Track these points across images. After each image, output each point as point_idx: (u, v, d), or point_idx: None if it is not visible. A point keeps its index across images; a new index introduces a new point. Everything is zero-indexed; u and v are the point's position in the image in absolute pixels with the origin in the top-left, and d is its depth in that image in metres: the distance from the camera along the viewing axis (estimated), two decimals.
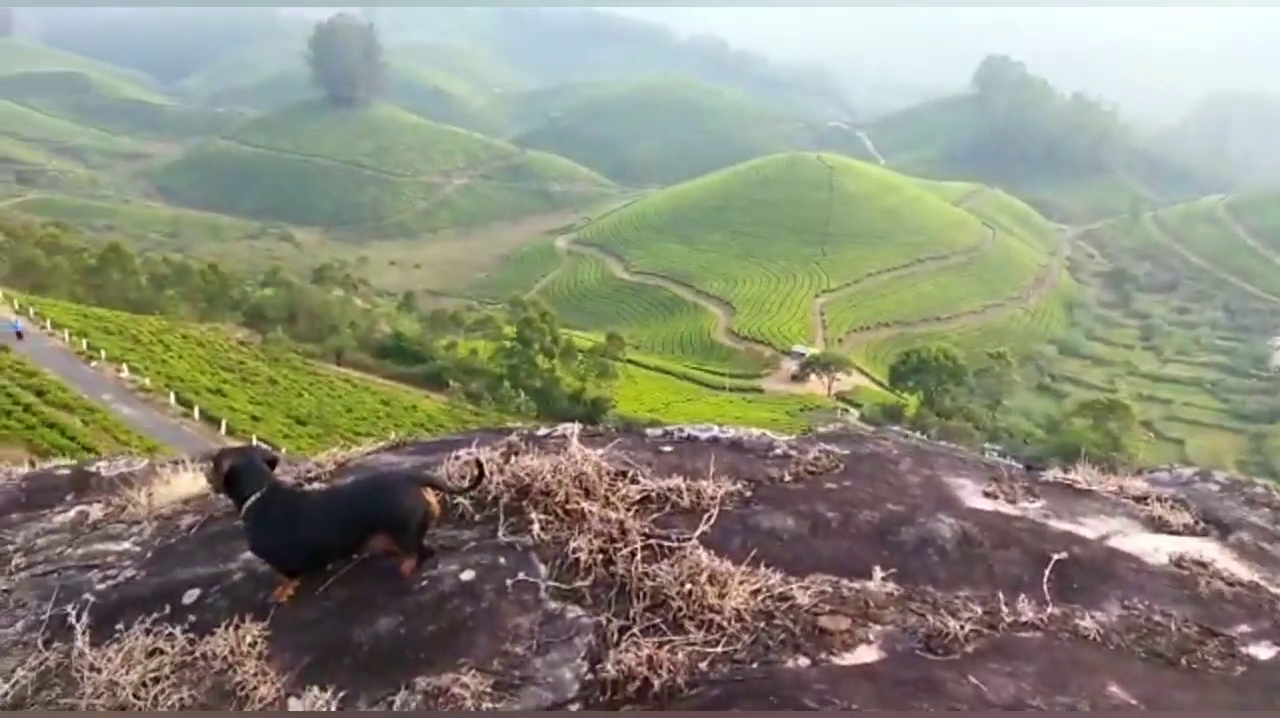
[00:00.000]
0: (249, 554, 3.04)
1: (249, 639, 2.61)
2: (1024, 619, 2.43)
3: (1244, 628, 2.46)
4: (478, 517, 3.01)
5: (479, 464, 3.03)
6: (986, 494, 3.22)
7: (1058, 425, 78.02)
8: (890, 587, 2.59)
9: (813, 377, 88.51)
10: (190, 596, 2.92)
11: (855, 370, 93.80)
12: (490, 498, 3.06)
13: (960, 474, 3.38)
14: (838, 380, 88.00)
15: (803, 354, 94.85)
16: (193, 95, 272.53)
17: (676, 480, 3.07)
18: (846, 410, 79.63)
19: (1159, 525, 3.10)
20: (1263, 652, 2.36)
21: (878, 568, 2.64)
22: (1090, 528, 3.04)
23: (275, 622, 2.64)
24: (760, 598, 2.51)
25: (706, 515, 2.89)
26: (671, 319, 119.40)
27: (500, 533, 2.89)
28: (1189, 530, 3.07)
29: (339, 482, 3.33)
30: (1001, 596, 2.51)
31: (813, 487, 3.14)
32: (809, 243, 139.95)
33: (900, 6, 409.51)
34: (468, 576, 2.69)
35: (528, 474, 3.03)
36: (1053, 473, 3.49)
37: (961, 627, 2.35)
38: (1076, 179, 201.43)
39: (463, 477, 3.09)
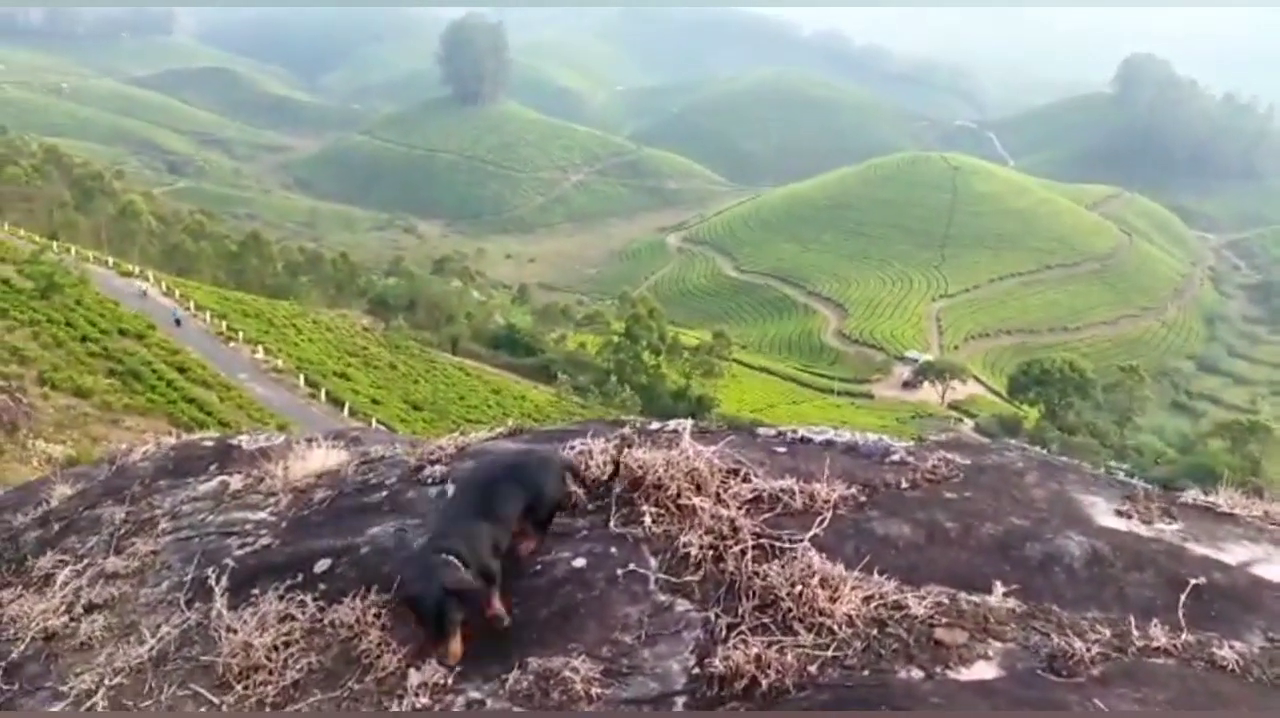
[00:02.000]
0: (376, 529, 3.20)
1: (374, 610, 2.75)
2: (1156, 645, 2.30)
3: None
4: (590, 506, 3.07)
5: (615, 458, 3.09)
6: (1119, 513, 3.05)
7: (1192, 446, 73.22)
8: (1012, 603, 2.50)
9: (926, 384, 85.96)
10: (321, 565, 3.09)
11: (971, 379, 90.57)
12: (603, 488, 3.11)
13: (1091, 491, 3.22)
14: (952, 389, 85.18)
15: (916, 360, 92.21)
16: (331, 92, 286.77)
17: (789, 482, 3.04)
18: (960, 420, 76.96)
19: None
20: None
21: (999, 583, 2.55)
22: (1232, 554, 2.85)
23: (398, 595, 2.76)
24: (873, 605, 2.47)
25: (819, 518, 2.86)
26: (780, 319, 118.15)
27: (612, 523, 2.94)
28: None
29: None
30: (1133, 619, 2.38)
31: (931, 495, 3.05)
32: (928, 245, 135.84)
33: (1034, 6, 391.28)
34: (580, 563, 2.75)
35: (640, 467, 3.07)
36: (1192, 495, 3.28)
37: (1088, 648, 2.25)
38: (1224, 184, 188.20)
39: (586, 467, 3.15)
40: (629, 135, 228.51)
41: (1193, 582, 2.53)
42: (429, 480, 3.48)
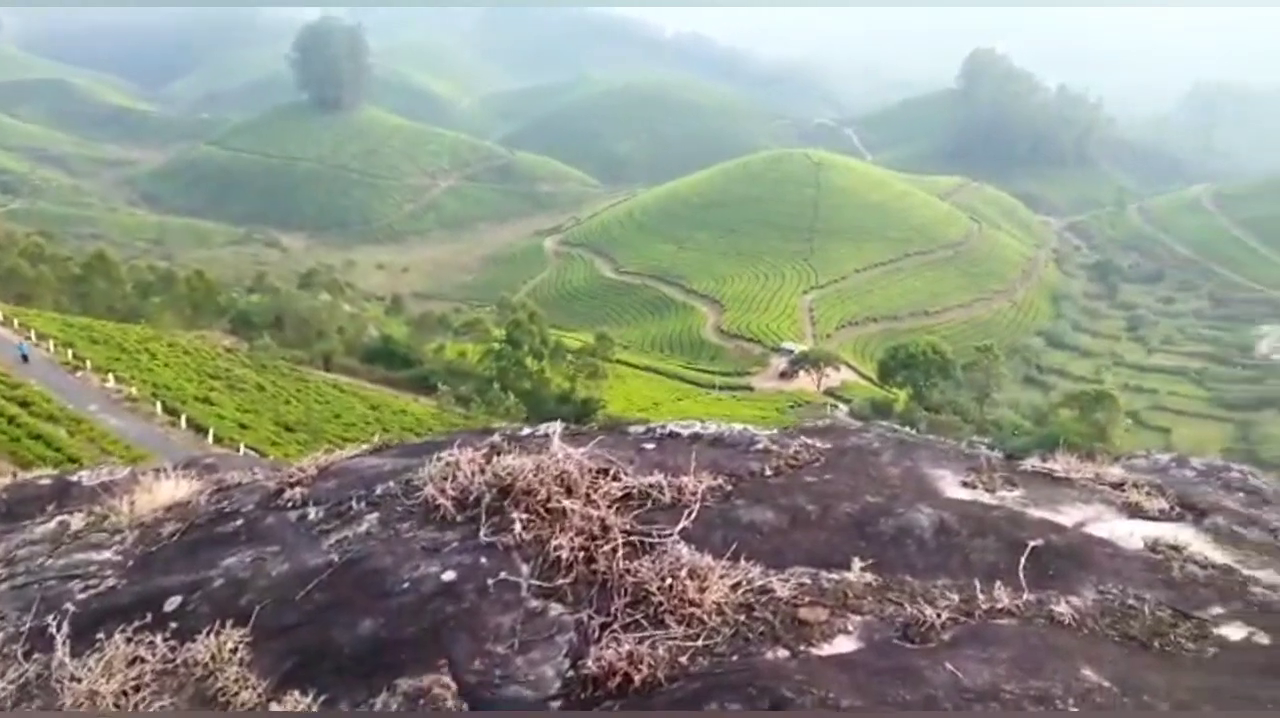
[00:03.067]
0: (231, 560, 3.04)
1: (230, 645, 2.61)
2: (1000, 606, 2.45)
3: (1216, 610, 2.49)
4: (459, 518, 3.02)
5: (483, 467, 3.04)
6: (965, 484, 3.24)
7: (1045, 417, 78.46)
8: (869, 577, 2.61)
9: (802, 373, 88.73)
10: (172, 603, 2.91)
11: (844, 366, 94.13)
12: (473, 498, 3.06)
13: (940, 465, 3.41)
14: (827, 377, 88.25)
15: (792, 351, 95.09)
16: (177, 101, 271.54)
17: (658, 477, 3.08)
18: (836, 406, 79.89)
19: (1135, 511, 3.13)
20: (1234, 633, 2.40)
21: (856, 559, 2.66)
22: (1067, 515, 3.07)
23: (256, 628, 2.64)
24: (740, 592, 2.53)
25: (687, 511, 2.91)
26: (661, 318, 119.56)
27: (482, 533, 2.90)
28: (1164, 516, 3.10)
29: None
30: (978, 583, 2.53)
31: (793, 480, 3.16)
32: (797, 240, 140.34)
33: (889, 6, 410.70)
34: (449, 576, 2.70)
35: (509, 474, 3.04)
36: (1031, 462, 3.52)
37: (938, 615, 2.38)
38: (1062, 172, 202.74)
39: (444, 478, 3.10)
40: (499, 139, 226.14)
41: (1031, 544, 2.71)
42: (289, 505, 3.34)
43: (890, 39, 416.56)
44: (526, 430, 3.68)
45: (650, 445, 3.48)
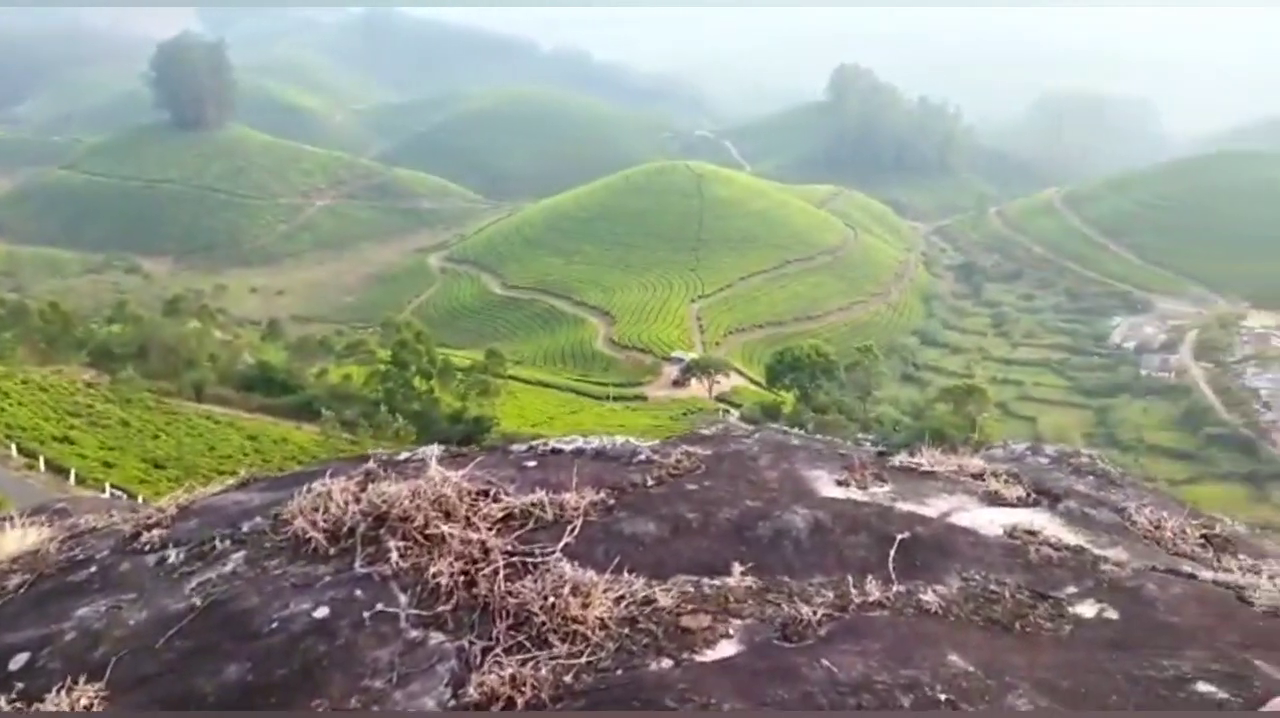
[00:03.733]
0: (84, 611, 2.84)
1: (84, 702, 2.43)
2: (872, 599, 2.54)
3: (1071, 589, 2.65)
4: (332, 551, 2.91)
5: (357, 496, 2.93)
6: (839, 483, 3.35)
7: (923, 412, 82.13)
8: (749, 581, 2.65)
9: (693, 381, 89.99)
10: (19, 660, 2.69)
11: (734, 372, 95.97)
12: (346, 529, 2.96)
13: (816, 466, 3.51)
14: (718, 383, 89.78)
15: (682, 359, 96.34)
16: (24, 123, 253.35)
17: (540, 495, 3.06)
18: (728, 411, 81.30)
19: (995, 500, 3.31)
20: (1087, 610, 2.55)
21: (736, 564, 2.71)
22: (933, 507, 3.22)
23: (112, 681, 2.47)
24: (624, 605, 2.53)
25: (570, 528, 2.90)
26: (551, 332, 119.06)
27: (357, 565, 2.80)
28: (1021, 502, 3.28)
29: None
30: (851, 579, 2.62)
31: (675, 489, 3.19)
32: (683, 250, 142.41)
33: (749, 7, 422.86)
34: (321, 613, 2.60)
35: (384, 501, 2.95)
36: (900, 458, 3.67)
37: (814, 613, 2.44)
38: (926, 178, 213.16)
39: (315, 509, 2.98)
40: (376, 155, 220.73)
41: (899, 537, 2.82)
42: (147, 548, 3.14)
43: (760, 48, 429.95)
44: (404, 455, 3.59)
45: (532, 463, 3.45)
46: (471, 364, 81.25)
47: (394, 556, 2.77)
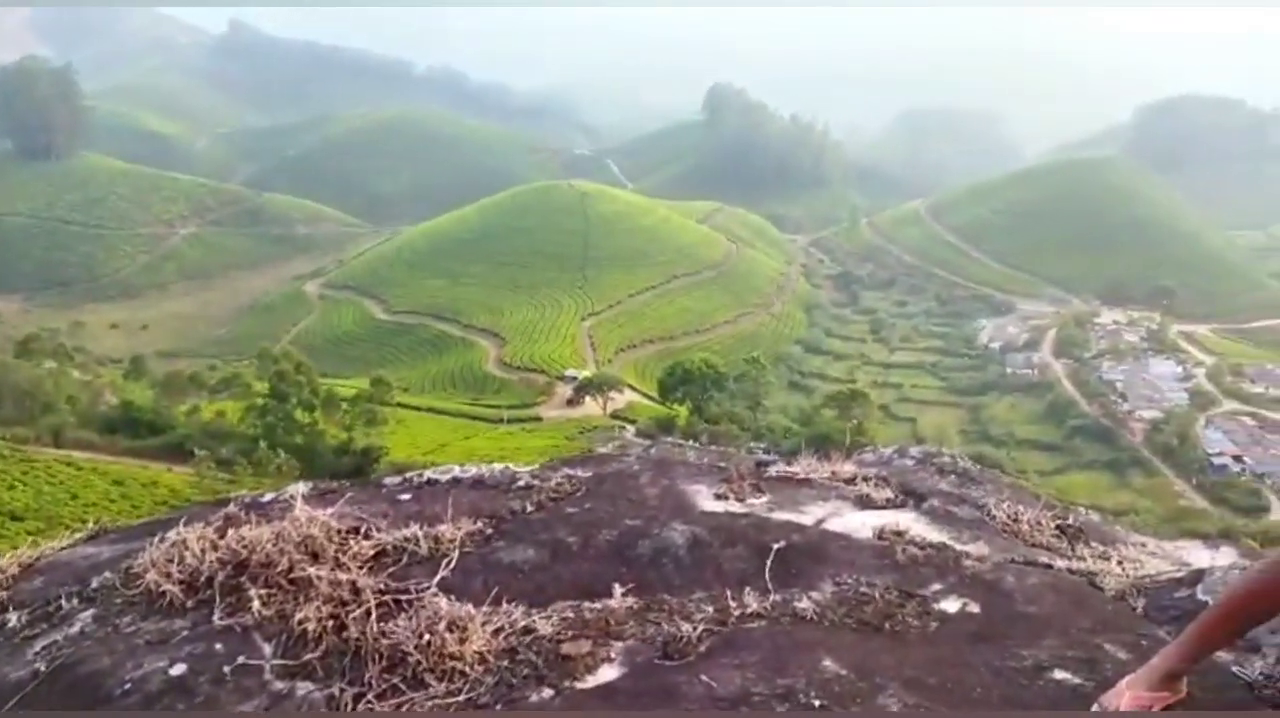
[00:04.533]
0: None
1: None
2: (750, 611, 2.57)
3: (936, 586, 2.76)
4: (189, 603, 2.74)
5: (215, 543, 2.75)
6: (718, 496, 3.39)
7: (811, 418, 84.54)
8: (630, 601, 2.64)
9: (588, 399, 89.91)
10: None
11: (627, 388, 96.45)
12: (204, 579, 2.79)
13: (696, 480, 3.54)
14: (612, 400, 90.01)
15: (575, 378, 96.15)
16: None
17: (414, 529, 2.97)
18: (623, 428, 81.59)
19: (866, 503, 3.42)
20: (951, 606, 2.66)
21: (617, 585, 2.69)
22: (809, 514, 3.29)
23: None
24: (503, 636, 2.48)
25: (446, 561, 2.82)
26: (440, 356, 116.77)
27: (216, 617, 2.64)
28: (890, 504, 3.40)
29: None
30: (729, 592, 2.64)
31: (555, 514, 3.16)
32: (571, 268, 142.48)
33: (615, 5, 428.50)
34: (178, 670, 2.43)
35: (245, 547, 2.81)
36: (776, 467, 3.75)
37: (694, 629, 2.45)
38: (802, 192, 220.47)
39: (169, 560, 2.80)
40: (244, 181, 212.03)
41: (776, 547, 2.88)
42: None
43: (638, 66, 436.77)
44: (269, 496, 3.42)
45: (406, 496, 3.35)
46: (357, 393, 78.75)
47: (256, 604, 2.63)
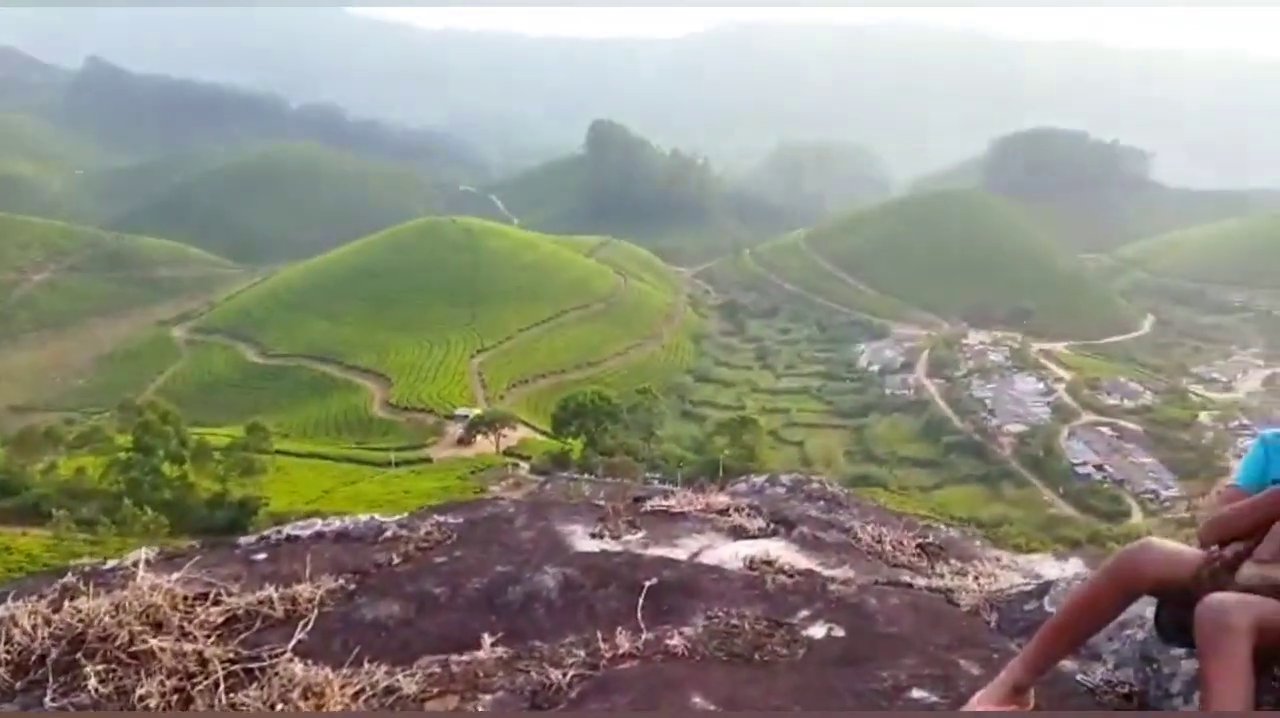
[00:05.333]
0: None
1: None
2: (622, 652, 2.54)
3: (803, 613, 2.81)
4: (19, 685, 2.51)
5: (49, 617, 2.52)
6: (593, 535, 3.37)
7: (703, 446, 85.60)
8: (499, 651, 2.58)
9: (479, 437, 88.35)
10: None
11: (520, 424, 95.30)
12: (35, 658, 2.56)
13: (571, 521, 3.51)
14: (505, 437, 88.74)
15: (467, 416, 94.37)
16: None
17: (268, 591, 2.82)
18: (517, 465, 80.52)
19: (739, 533, 3.46)
20: (818, 631, 2.71)
21: (486, 635, 2.62)
22: (683, 548, 3.31)
23: None
24: (363, 699, 2.37)
25: (303, 622, 2.68)
26: (322, 400, 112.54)
27: (48, 698, 2.43)
28: (762, 533, 3.45)
29: None
30: (600, 634, 2.61)
31: (422, 564, 3.06)
32: (458, 305, 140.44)
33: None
34: None
35: (82, 620, 2.60)
36: (652, 503, 3.75)
37: (564, 674, 2.41)
38: (686, 225, 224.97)
39: (8, 638, 2.56)
40: (104, 223, 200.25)
41: (648, 584, 2.87)
42: None
43: (519, 108, 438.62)
44: (110, 564, 3.18)
45: (262, 556, 3.18)
46: (231, 442, 74.89)
47: (93, 682, 2.43)
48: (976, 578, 3.19)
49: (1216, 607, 1.86)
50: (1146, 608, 2.33)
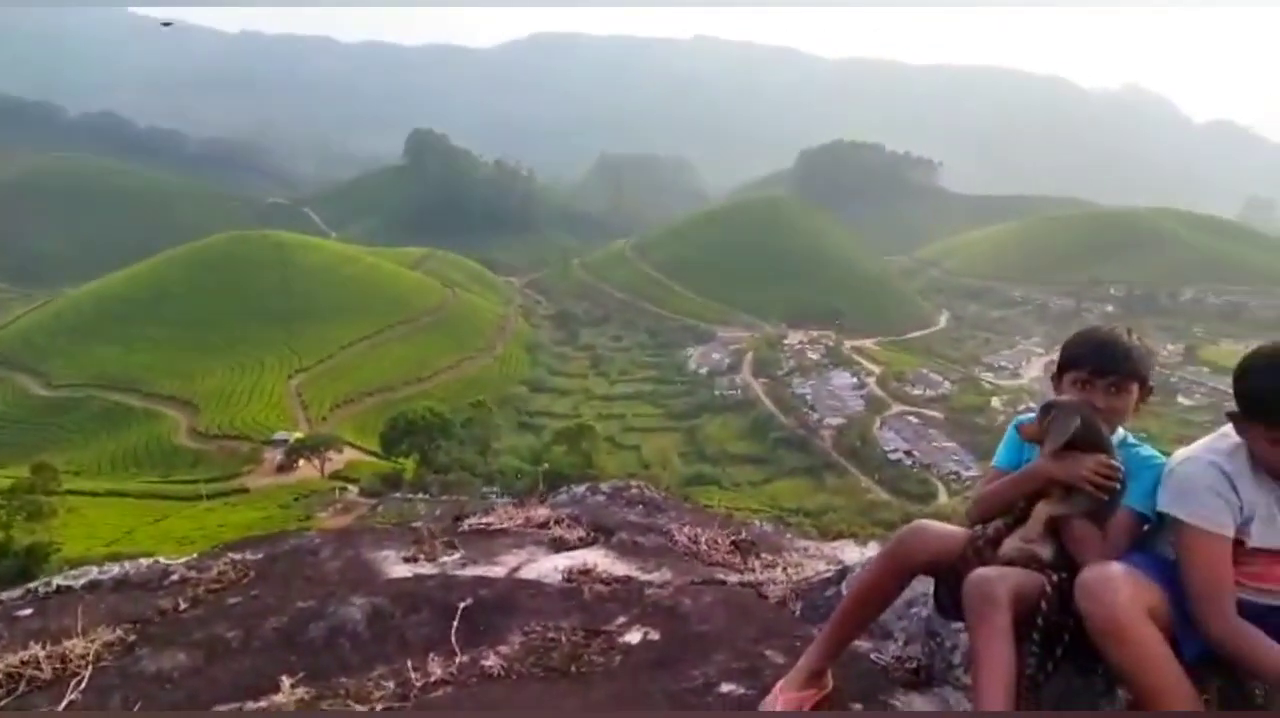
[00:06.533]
0: None
1: None
2: (435, 678, 2.46)
3: (620, 620, 2.83)
4: None
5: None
6: (407, 560, 3.25)
7: (541, 456, 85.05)
8: (300, 692, 2.43)
9: (302, 462, 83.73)
10: None
11: (347, 446, 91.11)
12: None
13: (382, 547, 3.37)
14: (330, 460, 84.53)
15: (286, 440, 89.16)
16: None
17: (34, 650, 2.53)
18: (345, 489, 76.95)
19: (560, 545, 3.44)
20: (634, 637, 2.73)
21: (285, 677, 2.46)
22: (503, 564, 3.25)
23: None
24: None
25: (75, 680, 2.42)
26: (118, 432, 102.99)
27: None
28: (582, 543, 3.45)
29: None
30: (411, 662, 2.52)
31: (214, 608, 2.84)
32: (272, 324, 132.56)
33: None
34: None
35: None
36: (470, 521, 3.67)
37: (371, 709, 2.30)
38: (512, 236, 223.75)
39: None
40: None
41: (461, 606, 2.79)
42: None
43: (333, 114, 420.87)
44: None
45: (28, 611, 2.85)
46: (14, 484, 67.06)
47: None
48: (785, 569, 3.32)
49: (979, 580, 2.03)
50: (932, 586, 2.50)
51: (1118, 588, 1.92)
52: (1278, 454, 1.98)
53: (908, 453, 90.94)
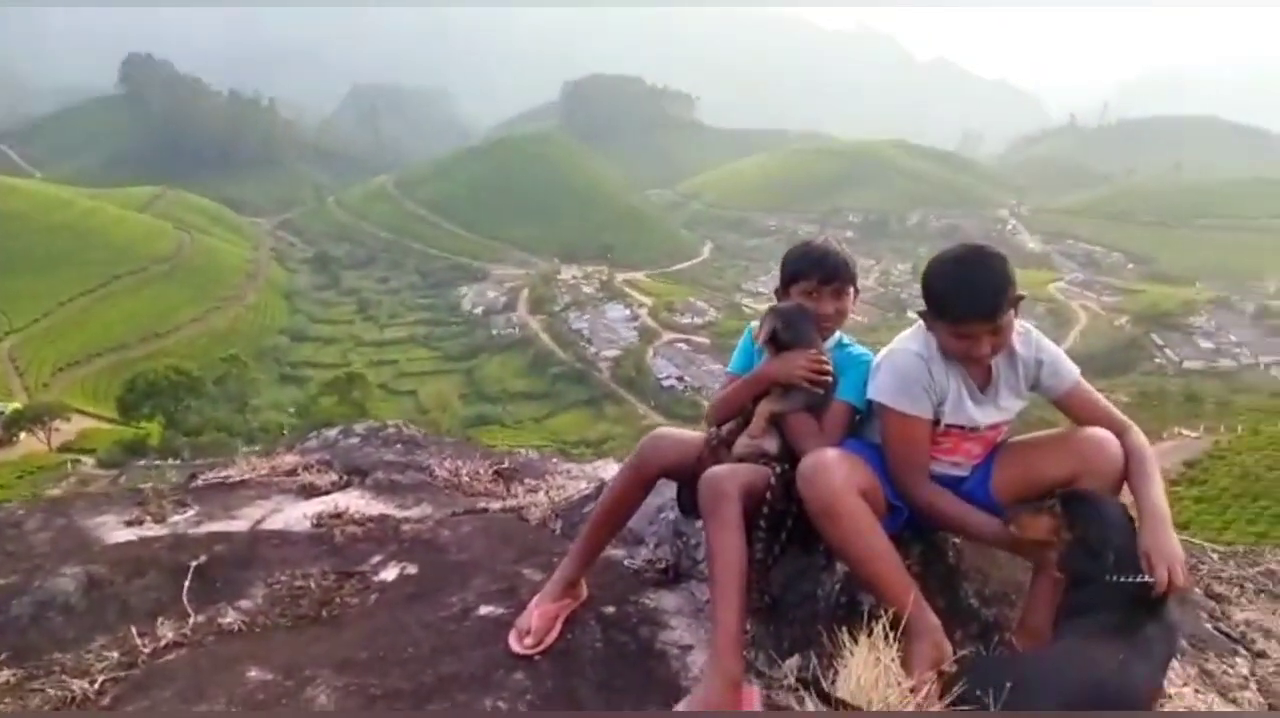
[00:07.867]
0: None
1: None
2: (166, 642, 2.29)
3: (375, 559, 2.76)
4: None
5: None
6: (130, 523, 2.97)
7: (308, 408, 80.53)
8: (6, 674, 2.17)
9: (23, 435, 73.95)
10: None
11: (76, 414, 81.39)
12: None
13: (100, 513, 3.05)
14: (58, 431, 75.24)
15: (2, 412, 78.23)
16: None
17: None
18: (79, 462, 68.97)
19: (311, 492, 3.28)
20: (390, 573, 2.68)
21: None
22: (244, 518, 3.06)
23: None
24: None
25: None
26: None
27: None
28: (335, 487, 3.31)
29: None
30: (135, 629, 2.32)
31: None
32: None
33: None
34: None
35: None
36: (206, 476, 3.41)
37: (93, 682, 2.10)
38: (256, 173, 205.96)
39: None
40: None
41: (194, 564, 2.60)
42: None
43: (23, 45, 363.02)
44: None
45: None
46: None
47: None
48: (548, 493, 3.38)
49: (710, 478, 2.17)
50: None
51: (832, 472, 2.11)
52: (960, 346, 2.24)
53: (679, 378, 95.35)
